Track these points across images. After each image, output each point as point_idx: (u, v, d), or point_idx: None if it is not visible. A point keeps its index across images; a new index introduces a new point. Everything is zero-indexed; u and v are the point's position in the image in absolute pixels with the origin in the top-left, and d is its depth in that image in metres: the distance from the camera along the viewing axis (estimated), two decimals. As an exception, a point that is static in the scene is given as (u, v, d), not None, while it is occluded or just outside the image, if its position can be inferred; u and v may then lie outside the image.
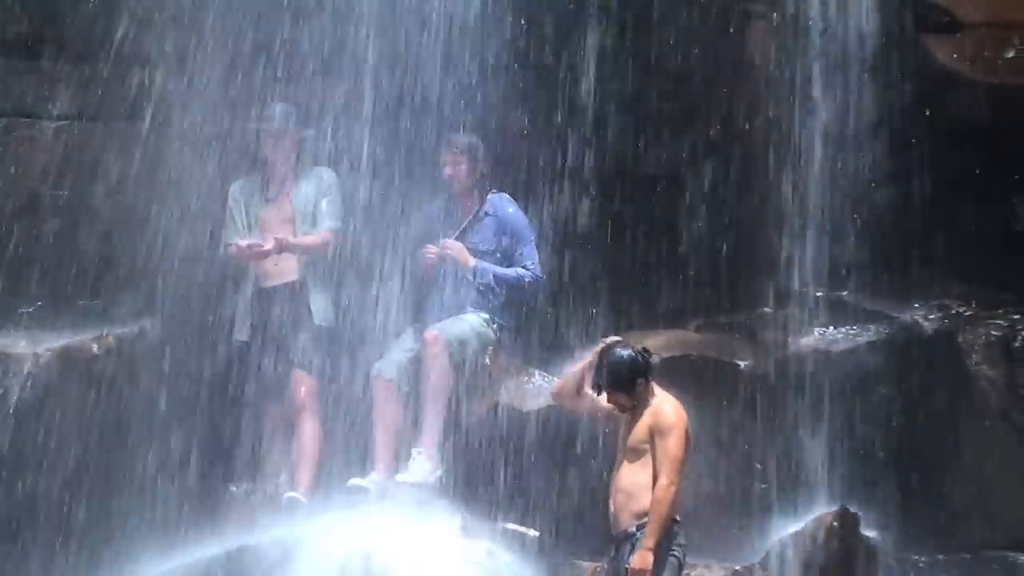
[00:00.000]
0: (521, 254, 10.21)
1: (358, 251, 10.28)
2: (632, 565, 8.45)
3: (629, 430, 8.74)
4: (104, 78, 10.55)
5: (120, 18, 10.43)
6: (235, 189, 10.42)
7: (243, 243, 10.19)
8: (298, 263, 10.25)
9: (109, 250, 10.52)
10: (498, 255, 10.23)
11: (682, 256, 10.83)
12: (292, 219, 10.33)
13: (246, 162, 10.48)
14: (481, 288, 10.15)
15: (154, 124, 10.47)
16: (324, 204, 10.30)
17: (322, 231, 10.28)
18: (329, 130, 10.33)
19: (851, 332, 10.50)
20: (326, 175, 10.35)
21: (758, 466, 10.24)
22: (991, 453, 10.14)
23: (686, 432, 8.65)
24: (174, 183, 10.45)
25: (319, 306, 10.24)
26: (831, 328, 10.54)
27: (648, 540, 8.45)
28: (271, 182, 10.43)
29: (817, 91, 10.59)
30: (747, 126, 10.80)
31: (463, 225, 10.29)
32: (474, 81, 10.24)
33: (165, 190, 10.43)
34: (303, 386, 10.13)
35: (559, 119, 10.64)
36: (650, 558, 8.43)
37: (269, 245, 10.16)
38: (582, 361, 9.17)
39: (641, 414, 8.72)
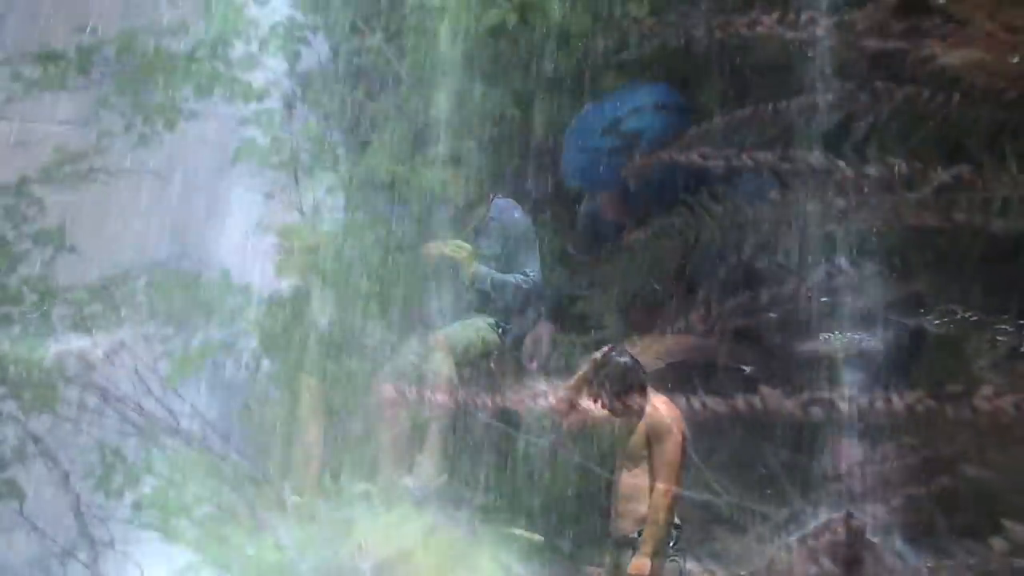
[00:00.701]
0: (522, 260, 10.22)
1: (362, 254, 10.29)
2: (629, 572, 8.45)
3: (627, 436, 8.73)
4: (106, 81, 10.58)
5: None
6: (237, 191, 10.44)
7: (244, 247, 10.25)
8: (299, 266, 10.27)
9: (114, 254, 10.54)
10: (501, 260, 10.24)
11: (687, 261, 10.83)
12: (293, 221, 10.39)
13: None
14: (478, 293, 10.17)
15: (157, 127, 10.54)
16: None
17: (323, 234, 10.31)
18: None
19: (856, 337, 10.47)
20: (328, 178, 10.39)
21: (762, 470, 10.22)
22: (998, 459, 10.09)
23: (682, 436, 8.64)
24: (178, 186, 10.48)
25: (322, 309, 10.23)
26: (836, 333, 10.51)
27: (645, 546, 8.44)
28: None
29: (819, 94, 10.56)
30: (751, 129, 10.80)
31: (468, 230, 10.30)
32: (474, 85, 10.27)
33: (169, 193, 10.46)
34: (306, 390, 10.13)
35: (561, 120, 10.68)
36: (647, 564, 8.42)
37: (268, 248, 10.22)
38: (577, 375, 9.13)
39: (638, 420, 8.71)
